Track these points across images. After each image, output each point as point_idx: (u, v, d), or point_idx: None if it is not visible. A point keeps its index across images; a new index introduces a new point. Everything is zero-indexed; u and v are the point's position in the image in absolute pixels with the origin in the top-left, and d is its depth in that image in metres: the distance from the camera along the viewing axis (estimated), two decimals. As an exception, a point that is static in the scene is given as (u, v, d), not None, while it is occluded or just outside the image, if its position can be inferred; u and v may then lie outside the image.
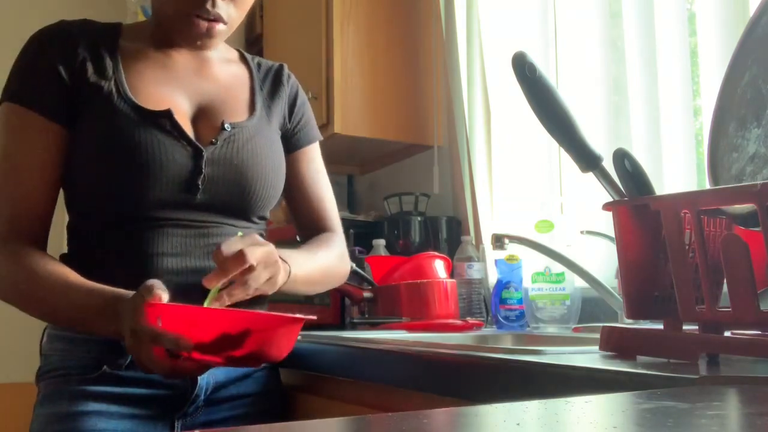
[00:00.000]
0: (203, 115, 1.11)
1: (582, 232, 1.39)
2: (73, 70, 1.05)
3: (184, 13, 1.06)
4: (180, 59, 1.14)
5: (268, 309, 1.14)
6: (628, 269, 0.77)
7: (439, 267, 1.59)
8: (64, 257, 1.08)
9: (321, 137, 1.29)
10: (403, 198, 2.06)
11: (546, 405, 0.50)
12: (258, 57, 1.27)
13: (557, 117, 0.81)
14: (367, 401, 1.02)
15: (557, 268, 1.34)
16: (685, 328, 0.75)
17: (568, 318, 1.34)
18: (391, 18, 2.17)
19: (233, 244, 0.92)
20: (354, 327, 1.55)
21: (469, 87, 1.90)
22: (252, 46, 2.58)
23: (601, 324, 0.92)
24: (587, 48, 1.69)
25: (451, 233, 1.95)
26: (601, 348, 0.80)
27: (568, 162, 1.63)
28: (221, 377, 1.07)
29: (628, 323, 1.15)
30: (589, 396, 0.54)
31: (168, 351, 0.84)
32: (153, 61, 1.12)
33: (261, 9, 2.49)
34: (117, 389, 1.02)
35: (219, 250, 0.91)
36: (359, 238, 1.93)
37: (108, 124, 1.03)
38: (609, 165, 0.80)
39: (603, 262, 1.53)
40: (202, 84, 1.14)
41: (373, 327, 1.47)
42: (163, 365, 0.85)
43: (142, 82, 1.08)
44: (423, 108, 2.15)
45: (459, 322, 1.42)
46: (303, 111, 1.25)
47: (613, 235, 0.79)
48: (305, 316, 0.88)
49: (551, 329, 1.33)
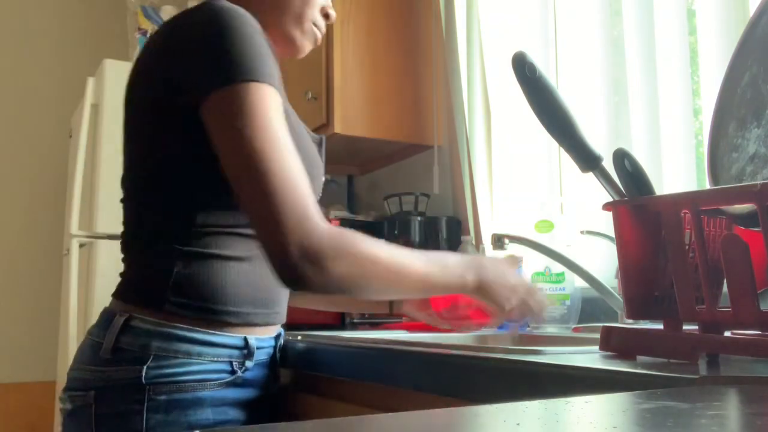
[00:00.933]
0: None
1: (582, 232, 1.39)
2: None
3: (310, 18, 1.14)
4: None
5: None
6: (628, 269, 0.77)
7: (439, 267, 1.58)
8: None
9: None
10: (403, 198, 2.07)
11: (546, 405, 0.50)
12: None
13: (557, 117, 0.81)
14: (367, 401, 1.02)
15: (557, 268, 1.34)
16: (685, 328, 0.75)
17: (568, 318, 1.34)
18: (391, 18, 2.17)
19: None
20: (354, 327, 1.55)
21: (469, 87, 1.90)
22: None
23: (601, 324, 0.92)
24: (587, 48, 1.69)
25: (451, 233, 1.95)
26: (601, 348, 0.80)
27: (568, 162, 1.63)
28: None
29: (628, 323, 1.15)
30: (589, 396, 0.54)
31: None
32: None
33: (261, 9, 2.49)
34: (244, 394, 1.02)
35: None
36: (359, 238, 1.93)
37: (295, 132, 0.99)
38: (609, 165, 0.80)
39: (603, 262, 1.53)
40: None
41: (374, 327, 1.47)
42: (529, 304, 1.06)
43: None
44: (423, 108, 2.15)
45: (459, 322, 1.42)
46: None
47: (613, 235, 0.79)
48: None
49: (551, 329, 1.33)
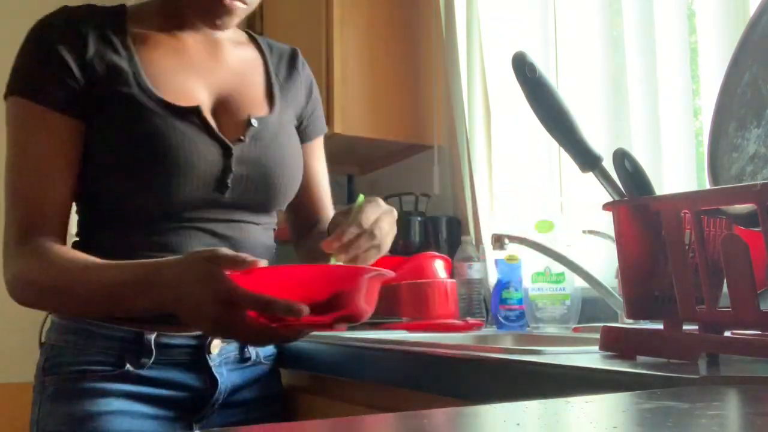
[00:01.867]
0: (224, 108, 1.06)
1: (583, 231, 1.39)
2: (83, 59, 0.99)
3: None
4: (191, 43, 1.08)
5: None
6: (628, 269, 0.77)
7: (439, 267, 1.58)
8: (77, 244, 1.03)
9: (326, 129, 1.27)
10: (403, 198, 2.06)
11: (546, 405, 0.50)
12: (266, 38, 1.22)
13: (557, 117, 0.81)
14: (368, 401, 1.02)
15: (557, 268, 1.34)
16: (685, 328, 0.75)
17: (568, 318, 1.34)
18: (391, 18, 2.16)
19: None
20: (354, 327, 1.55)
21: (469, 87, 1.90)
22: (252, 46, 2.58)
23: (601, 324, 0.92)
24: (587, 47, 1.69)
25: (451, 233, 1.95)
26: (601, 348, 0.80)
27: (568, 162, 1.63)
28: (238, 380, 1.06)
29: (628, 323, 1.15)
30: (589, 396, 0.54)
31: (269, 317, 0.77)
32: (165, 47, 1.05)
33: (261, 9, 2.49)
34: (139, 388, 0.99)
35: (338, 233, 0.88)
36: (359, 238, 1.92)
37: (133, 120, 0.98)
38: (609, 165, 0.80)
39: (603, 262, 1.53)
40: (218, 71, 1.08)
41: (374, 327, 1.47)
42: (263, 332, 0.79)
43: (159, 71, 1.02)
44: (423, 108, 2.15)
45: (459, 322, 1.42)
46: (317, 102, 1.22)
47: (613, 235, 0.79)
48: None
49: (551, 329, 1.33)
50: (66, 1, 1.07)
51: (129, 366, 0.98)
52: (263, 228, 1.10)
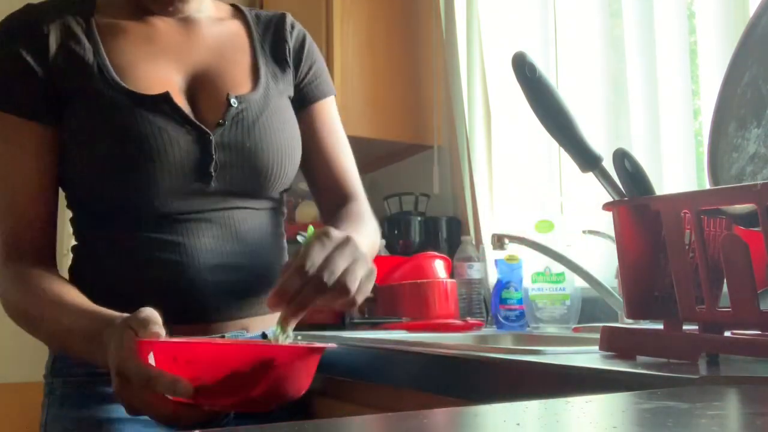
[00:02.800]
0: (202, 90, 0.99)
1: (583, 231, 1.39)
2: (46, 59, 0.94)
3: None
4: (164, 27, 1.02)
5: None
6: (628, 269, 0.77)
7: (439, 267, 1.59)
8: (75, 249, 1.01)
9: (334, 92, 1.15)
10: (403, 198, 2.07)
11: (546, 405, 0.50)
12: (256, 9, 1.14)
13: (557, 117, 0.81)
14: (368, 401, 1.02)
15: (557, 268, 1.34)
16: (685, 328, 0.75)
17: (568, 318, 1.34)
18: (391, 18, 2.16)
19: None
20: (354, 327, 1.55)
21: (469, 87, 1.90)
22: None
23: (601, 324, 0.92)
24: (587, 48, 1.69)
25: (451, 233, 1.95)
26: (601, 348, 0.80)
27: (568, 162, 1.63)
28: None
29: (628, 323, 1.15)
30: (589, 396, 0.54)
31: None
32: (134, 35, 1.00)
33: (261, 6, 2.49)
34: None
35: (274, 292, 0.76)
36: (359, 238, 1.93)
37: (98, 115, 0.93)
38: (609, 165, 0.80)
39: (603, 262, 1.53)
40: (194, 52, 1.02)
41: (374, 327, 1.47)
42: (162, 411, 0.71)
43: (127, 61, 0.97)
44: (423, 108, 2.15)
45: (459, 322, 1.42)
46: (312, 60, 1.12)
47: (613, 235, 0.79)
48: (324, 344, 0.77)
49: (551, 329, 1.33)
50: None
51: None
52: (267, 212, 1.04)
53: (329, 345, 0.78)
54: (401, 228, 1.97)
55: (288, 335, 0.78)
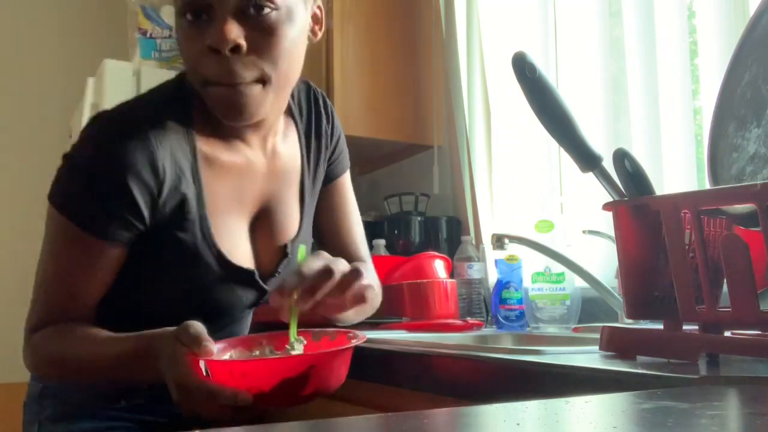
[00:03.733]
0: (262, 234, 1.01)
1: (583, 231, 1.39)
2: (156, 205, 0.89)
3: (198, 82, 0.88)
4: (252, 156, 0.98)
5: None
6: (628, 269, 0.77)
7: (439, 267, 1.59)
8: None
9: (348, 164, 1.18)
10: (403, 198, 2.06)
11: (546, 405, 0.50)
12: (296, 98, 1.08)
13: (557, 117, 0.81)
14: (368, 401, 1.02)
15: (557, 268, 1.34)
16: (685, 328, 0.75)
17: (568, 318, 1.34)
18: (391, 18, 2.16)
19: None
20: (354, 327, 1.55)
21: (469, 87, 1.90)
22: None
23: (601, 324, 0.92)
24: (587, 48, 1.69)
25: (451, 233, 1.95)
26: (601, 348, 0.80)
27: (568, 162, 1.63)
28: None
29: (628, 323, 1.15)
30: (589, 396, 0.54)
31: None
32: (228, 171, 0.96)
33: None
34: (140, 416, 1.01)
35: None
36: (359, 238, 1.93)
37: (189, 270, 0.93)
38: (609, 165, 0.80)
39: (603, 262, 1.53)
40: (265, 189, 1.01)
41: (374, 327, 1.47)
42: (221, 416, 0.75)
43: (221, 210, 0.95)
44: (423, 108, 2.15)
45: (459, 322, 1.42)
46: (342, 147, 1.15)
47: (613, 235, 0.79)
48: (356, 339, 0.83)
49: (551, 329, 1.33)
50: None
51: (124, 402, 1.01)
52: None
53: (361, 338, 0.84)
54: (401, 228, 1.97)
55: (302, 341, 0.85)
